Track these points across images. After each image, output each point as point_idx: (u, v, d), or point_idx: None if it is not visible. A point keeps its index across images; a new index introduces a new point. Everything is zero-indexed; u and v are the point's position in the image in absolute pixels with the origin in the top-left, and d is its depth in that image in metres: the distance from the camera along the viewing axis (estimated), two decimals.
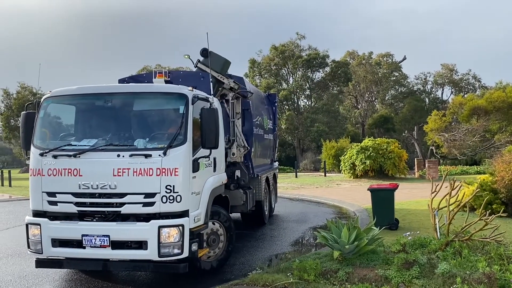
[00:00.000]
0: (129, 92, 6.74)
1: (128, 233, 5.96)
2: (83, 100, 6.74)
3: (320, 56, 42.59)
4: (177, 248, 5.89)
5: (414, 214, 11.97)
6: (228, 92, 8.89)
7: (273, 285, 6.18)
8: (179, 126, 6.13)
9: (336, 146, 31.96)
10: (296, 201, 16.71)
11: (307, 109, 44.38)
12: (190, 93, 6.36)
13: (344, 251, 6.84)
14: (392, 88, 51.64)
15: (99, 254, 6.03)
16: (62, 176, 6.10)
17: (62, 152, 6.18)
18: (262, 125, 11.27)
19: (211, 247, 7.14)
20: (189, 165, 6.14)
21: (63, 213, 6.17)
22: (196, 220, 6.22)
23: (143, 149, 6.05)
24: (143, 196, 5.93)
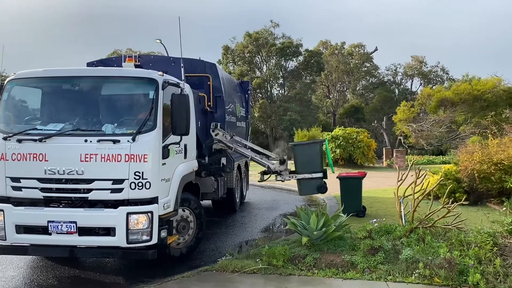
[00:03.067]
0: (98, 76, 6.59)
1: (96, 220, 5.89)
2: (50, 83, 6.55)
3: (293, 45, 42.61)
4: (145, 234, 5.85)
5: (381, 202, 12.28)
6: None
7: (242, 270, 6.25)
8: (148, 112, 6.03)
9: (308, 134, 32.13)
10: (267, 188, 16.83)
11: (280, 98, 44.48)
12: (160, 78, 6.27)
13: (312, 237, 6.97)
14: (363, 78, 52.38)
15: (65, 241, 5.93)
16: (27, 161, 5.95)
17: (27, 137, 6.01)
18: (235, 112, 11.22)
19: (180, 234, 7.13)
20: (159, 151, 6.07)
21: (28, 198, 6.04)
22: (165, 207, 6.19)
23: (111, 134, 5.94)
24: (111, 182, 5.85)
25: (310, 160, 9.32)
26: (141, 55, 8.52)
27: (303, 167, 9.15)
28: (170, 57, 8.40)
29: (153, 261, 6.65)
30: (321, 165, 9.33)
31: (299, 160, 9.47)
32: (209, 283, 5.93)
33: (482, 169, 10.82)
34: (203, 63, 9.75)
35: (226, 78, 10.81)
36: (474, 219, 8.65)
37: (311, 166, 9.17)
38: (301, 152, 9.51)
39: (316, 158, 9.36)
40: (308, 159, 9.34)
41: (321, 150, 9.49)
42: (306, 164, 9.24)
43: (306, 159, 9.37)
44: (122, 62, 7.57)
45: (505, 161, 10.63)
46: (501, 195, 10.72)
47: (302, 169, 9.09)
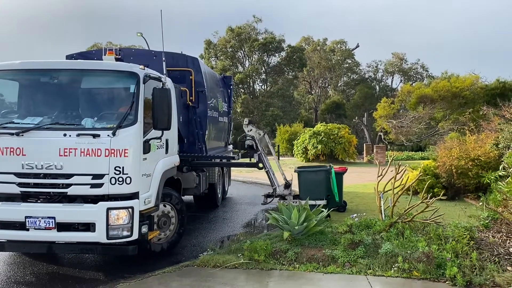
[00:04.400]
0: (77, 68, 6.44)
1: (75, 215, 5.78)
2: (27, 75, 6.42)
3: (276, 41, 42.61)
4: (126, 230, 5.79)
5: (361, 197, 12.42)
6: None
7: (224, 265, 6.25)
8: (129, 106, 5.94)
9: (290, 130, 32.34)
10: (249, 184, 16.85)
11: (263, 93, 44.49)
12: (141, 72, 6.18)
13: (293, 232, 7.01)
14: (345, 75, 52.81)
15: (44, 237, 5.81)
16: (3, 155, 5.82)
17: (4, 130, 5.87)
18: (217, 107, 11.16)
19: (162, 229, 7.09)
20: (140, 146, 6.01)
21: (4, 193, 5.91)
22: (146, 202, 6.13)
23: (91, 128, 5.85)
24: (91, 177, 5.76)
25: (314, 187, 9.30)
26: (122, 49, 8.38)
27: (307, 194, 8.96)
28: (151, 50, 8.28)
29: (133, 257, 6.59)
30: (325, 192, 9.29)
31: (303, 186, 9.48)
32: (190, 279, 5.91)
33: (460, 164, 11.03)
34: (185, 57, 9.64)
35: (208, 72, 10.73)
36: (452, 213, 8.84)
37: (315, 193, 9.07)
38: (306, 178, 9.54)
39: (321, 185, 9.37)
40: (313, 186, 9.31)
41: (327, 178, 9.48)
42: (311, 191, 9.16)
43: (311, 185, 9.35)
44: (102, 55, 7.43)
45: (481, 157, 10.86)
46: (478, 190, 10.95)
47: (306, 195, 8.84)
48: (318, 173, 9.65)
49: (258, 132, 9.06)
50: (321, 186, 9.38)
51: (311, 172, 9.83)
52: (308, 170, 10.01)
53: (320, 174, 9.59)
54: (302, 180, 9.59)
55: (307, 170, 9.98)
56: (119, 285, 5.73)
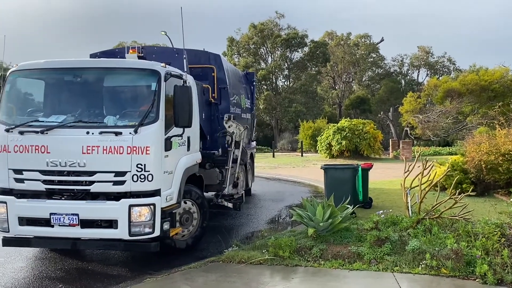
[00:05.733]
0: (100, 67, 6.50)
1: (98, 212, 5.86)
2: (52, 74, 6.49)
3: (299, 36, 42.40)
4: (148, 227, 5.84)
5: (387, 193, 12.25)
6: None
7: (249, 261, 6.26)
8: (151, 104, 5.97)
9: (313, 126, 32.16)
10: (273, 180, 16.85)
11: (285, 89, 44.36)
12: (162, 70, 6.19)
13: (318, 229, 6.97)
14: (369, 69, 52.08)
15: (68, 233, 5.92)
16: (29, 153, 5.92)
17: (29, 128, 5.98)
18: (239, 104, 11.15)
19: (184, 226, 7.09)
20: (161, 143, 6.03)
21: (30, 191, 6.02)
22: (168, 199, 6.16)
23: (113, 126, 5.90)
24: (113, 174, 5.81)
25: (340, 184, 9.17)
26: (144, 47, 8.43)
27: (333, 191, 8.67)
28: (173, 48, 8.31)
29: (159, 253, 6.68)
30: (351, 191, 9.12)
31: (329, 183, 9.38)
32: (216, 274, 5.95)
33: (490, 159, 10.74)
34: (208, 54, 9.58)
35: (230, 69, 10.70)
36: (481, 210, 8.61)
37: (341, 191, 8.86)
38: (333, 176, 9.43)
39: (347, 183, 9.25)
40: (339, 184, 9.18)
41: (354, 176, 9.36)
42: (336, 188, 8.99)
43: (337, 183, 9.22)
44: (125, 54, 7.49)
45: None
46: (509, 186, 10.66)
47: (331, 192, 8.52)
48: (345, 171, 9.56)
49: (238, 128, 8.78)
50: (347, 184, 9.27)
51: (337, 170, 9.75)
52: (335, 167, 9.93)
53: (347, 172, 9.49)
54: (328, 177, 9.51)
55: (334, 167, 9.90)
56: (146, 280, 5.82)
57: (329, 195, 8.41)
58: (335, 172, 9.59)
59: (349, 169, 9.58)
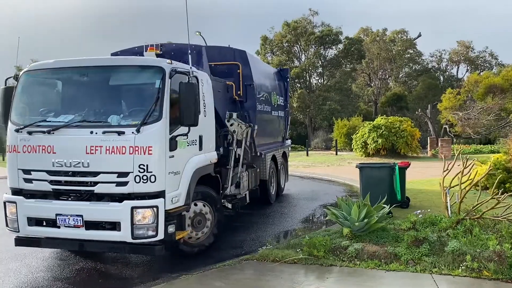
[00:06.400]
0: (105, 65, 6.31)
1: (101, 214, 5.72)
2: (60, 74, 6.42)
3: (333, 33, 41.92)
4: (151, 230, 5.63)
5: (425, 193, 11.92)
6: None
7: (283, 260, 6.25)
8: (154, 102, 5.75)
9: (348, 124, 31.74)
10: (307, 179, 16.74)
11: (319, 87, 43.96)
12: (168, 66, 5.94)
13: (353, 228, 6.87)
14: (406, 65, 50.82)
15: (73, 234, 5.83)
16: (36, 153, 5.87)
17: (37, 128, 5.93)
18: (269, 101, 10.84)
19: (196, 229, 6.80)
20: (165, 143, 5.78)
21: (38, 191, 5.99)
22: (174, 201, 5.93)
23: (116, 125, 5.73)
24: (116, 175, 5.65)
25: (376, 183, 8.96)
26: (163, 44, 7.94)
27: (368, 190, 8.46)
28: (192, 44, 7.89)
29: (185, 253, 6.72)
30: (387, 190, 8.83)
31: (364, 182, 9.22)
32: (250, 272, 5.98)
33: None
34: (232, 50, 9.35)
35: (258, 65, 10.34)
36: None
37: (377, 190, 8.59)
38: (368, 174, 9.25)
39: (383, 183, 9.04)
40: (375, 183, 8.98)
41: (390, 175, 9.14)
42: (372, 187, 8.76)
43: (373, 182, 9.03)
44: (144, 52, 7.35)
45: None
46: None
47: (367, 191, 8.33)
48: (381, 170, 9.37)
49: (240, 126, 8.36)
50: (384, 183, 9.07)
51: (373, 168, 9.57)
52: (370, 166, 9.75)
53: (383, 171, 9.30)
54: (364, 176, 9.35)
55: (369, 166, 9.72)
56: (182, 277, 5.91)
57: (364, 195, 8.28)
58: (371, 171, 9.42)
59: (385, 168, 9.39)
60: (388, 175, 9.21)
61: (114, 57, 6.42)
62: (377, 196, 7.94)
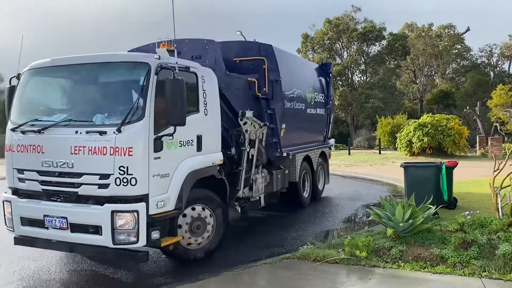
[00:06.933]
0: (93, 62, 6.04)
1: (83, 216, 5.52)
2: (54, 73, 6.33)
3: (376, 29, 41.03)
4: (133, 235, 5.33)
5: (474, 193, 11.45)
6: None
7: (324, 260, 6.19)
8: (137, 100, 5.48)
9: (392, 122, 30.98)
10: (349, 178, 16.50)
11: (362, 85, 43.16)
12: (154, 62, 5.60)
13: (398, 229, 6.71)
14: (454, 61, 48.87)
15: (60, 236, 5.69)
16: (28, 153, 5.82)
17: (30, 128, 5.87)
18: (304, 98, 10.30)
19: (195, 234, 6.40)
20: (148, 144, 5.42)
21: (30, 191, 5.94)
22: (160, 205, 5.58)
23: (100, 125, 5.50)
24: (98, 177, 5.42)
25: (422, 183, 8.66)
26: (177, 40, 7.73)
27: (413, 190, 8.14)
28: (203, 39, 7.57)
29: (234, 248, 6.79)
30: (433, 190, 8.48)
31: (409, 182, 8.95)
32: (291, 271, 5.96)
33: None
34: (257, 45, 8.93)
35: (287, 60, 9.77)
36: None
37: (422, 190, 8.24)
38: (413, 174, 8.96)
39: (429, 182, 8.72)
40: (420, 183, 8.68)
41: (437, 174, 8.83)
42: (417, 187, 8.45)
43: (418, 182, 8.72)
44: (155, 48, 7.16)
45: None
46: None
47: (412, 192, 8.00)
48: (427, 169, 9.07)
49: (253, 125, 7.84)
50: (430, 183, 8.77)
51: (419, 168, 9.28)
52: (416, 165, 9.46)
53: (429, 170, 8.99)
54: (408, 175, 9.09)
55: (415, 165, 9.44)
56: (223, 274, 5.97)
57: (409, 195, 8.04)
58: (417, 170, 9.14)
59: (431, 167, 9.08)
60: (434, 175, 8.91)
61: (102, 54, 6.11)
62: (423, 197, 7.68)
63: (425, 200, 7.38)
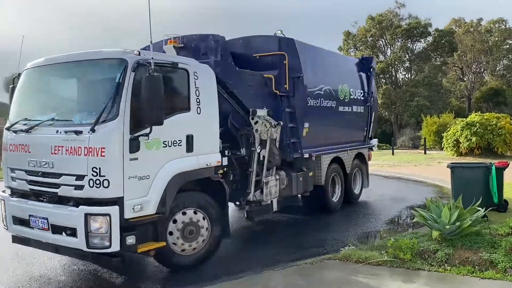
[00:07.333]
0: (75, 60, 5.91)
1: (61, 218, 5.40)
2: (45, 72, 6.27)
3: (421, 25, 39.77)
4: (106, 240, 5.13)
5: None
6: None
7: (367, 262, 6.09)
8: (112, 98, 5.25)
9: (438, 121, 29.97)
10: (392, 179, 16.11)
11: (406, 82, 41.97)
12: (132, 58, 5.36)
13: (444, 232, 6.49)
14: (505, 57, 46.55)
15: (43, 237, 5.64)
16: (18, 152, 5.84)
17: (20, 127, 5.90)
18: (334, 95, 9.66)
19: (187, 240, 6.04)
20: (122, 144, 5.17)
21: (21, 190, 5.97)
22: (136, 209, 5.31)
23: (77, 124, 5.39)
24: (74, 178, 5.28)
25: (470, 185, 8.37)
26: (185, 36, 7.50)
27: (461, 192, 7.81)
28: (209, 35, 7.29)
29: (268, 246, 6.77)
30: (482, 192, 8.14)
31: (456, 183, 8.66)
32: (333, 271, 5.91)
33: None
34: (278, 39, 8.46)
35: (313, 55, 9.18)
36: None
37: (470, 192, 7.96)
38: (461, 175, 8.66)
39: (478, 184, 8.42)
40: (468, 184, 8.39)
41: (486, 176, 8.49)
42: (465, 189, 8.16)
43: (466, 183, 8.43)
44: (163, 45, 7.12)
45: None
46: None
47: (459, 193, 7.67)
48: (475, 170, 8.72)
49: (265, 124, 7.41)
50: (478, 185, 8.41)
51: (467, 168, 8.93)
52: (463, 166, 9.11)
53: (478, 171, 8.64)
54: (456, 176, 8.76)
55: (462, 166, 9.09)
56: (263, 272, 6.01)
57: (456, 196, 7.75)
58: (464, 171, 8.80)
59: (480, 168, 8.72)
60: (483, 176, 8.55)
61: (85, 52, 5.92)
62: (471, 199, 7.39)
63: (473, 202, 7.10)
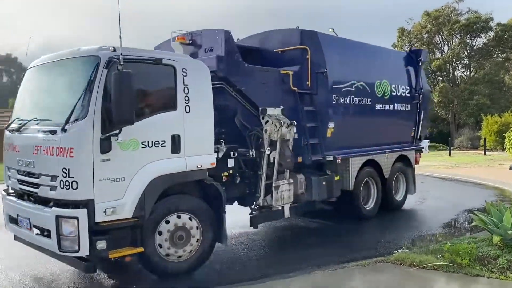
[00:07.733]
0: (57, 60, 5.87)
1: (38, 219, 5.33)
2: (36, 71, 6.29)
3: (482, 20, 37.78)
4: (76, 243, 4.96)
5: None
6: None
7: (421, 266, 5.91)
8: (82, 96, 5.09)
9: (500, 121, 28.46)
10: (449, 181, 15.49)
11: (465, 80, 40.05)
12: (105, 55, 5.18)
13: (506, 237, 6.18)
14: None
15: (28, 237, 5.60)
16: (11, 151, 5.89)
17: (13, 126, 5.97)
18: (369, 92, 8.92)
19: (177, 246, 5.73)
20: (91, 144, 4.98)
21: (13, 189, 6.02)
22: (108, 212, 5.10)
23: (55, 124, 5.25)
24: (50, 178, 5.18)
25: None
26: (192, 32, 7.32)
27: None
28: (214, 29, 7.07)
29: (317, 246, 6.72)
30: None
31: None
32: (386, 274, 5.78)
33: None
34: (299, 32, 8.04)
35: (341, 49, 8.72)
36: None
37: None
38: None
39: None
40: None
41: None
42: None
43: None
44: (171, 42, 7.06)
45: None
46: None
47: None
48: None
49: (275, 124, 6.96)
50: None
51: None
52: None
53: None
54: None
55: None
56: (314, 272, 5.98)
57: None
58: None
59: None
60: None
61: (64, 51, 5.81)
62: None
63: None
